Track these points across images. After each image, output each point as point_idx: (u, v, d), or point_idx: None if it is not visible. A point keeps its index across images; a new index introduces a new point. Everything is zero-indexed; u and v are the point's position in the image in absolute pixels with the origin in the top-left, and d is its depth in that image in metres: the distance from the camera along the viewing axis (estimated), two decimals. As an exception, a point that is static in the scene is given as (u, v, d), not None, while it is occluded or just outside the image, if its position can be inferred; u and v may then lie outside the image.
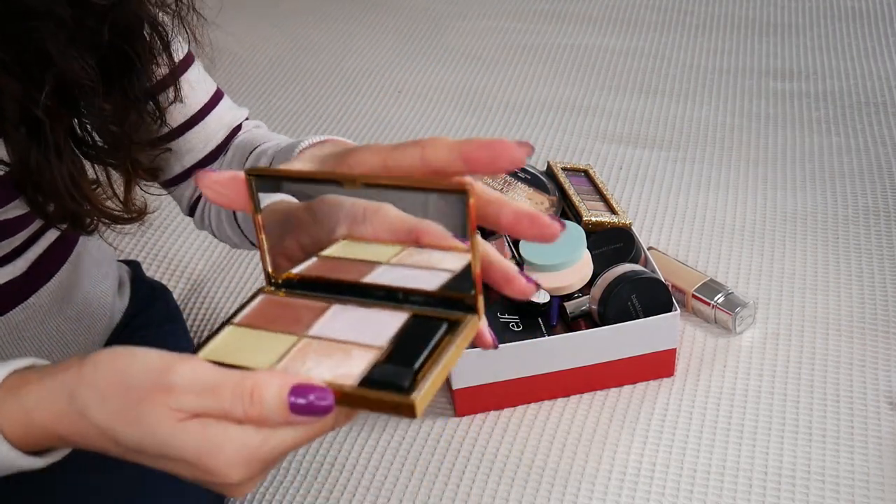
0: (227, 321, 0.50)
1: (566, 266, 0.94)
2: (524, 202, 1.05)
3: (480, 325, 0.49)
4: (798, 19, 1.66)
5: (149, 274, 1.13)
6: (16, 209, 0.66)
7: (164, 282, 1.12)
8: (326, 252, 0.53)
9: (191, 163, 0.78)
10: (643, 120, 1.40)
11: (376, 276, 0.51)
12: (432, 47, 1.69)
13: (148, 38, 0.66)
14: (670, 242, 1.13)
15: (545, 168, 1.13)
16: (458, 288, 0.49)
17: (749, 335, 0.99)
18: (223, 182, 0.48)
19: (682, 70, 1.53)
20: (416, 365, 0.44)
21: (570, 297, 0.95)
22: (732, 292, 0.99)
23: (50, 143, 0.62)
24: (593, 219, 1.02)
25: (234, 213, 0.74)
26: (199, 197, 0.80)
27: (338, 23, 1.81)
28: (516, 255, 0.98)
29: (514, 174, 1.08)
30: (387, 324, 0.48)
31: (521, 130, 1.39)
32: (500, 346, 0.88)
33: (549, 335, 0.91)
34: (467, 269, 0.47)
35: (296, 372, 0.45)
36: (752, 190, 1.21)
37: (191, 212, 0.82)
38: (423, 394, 0.42)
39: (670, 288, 0.95)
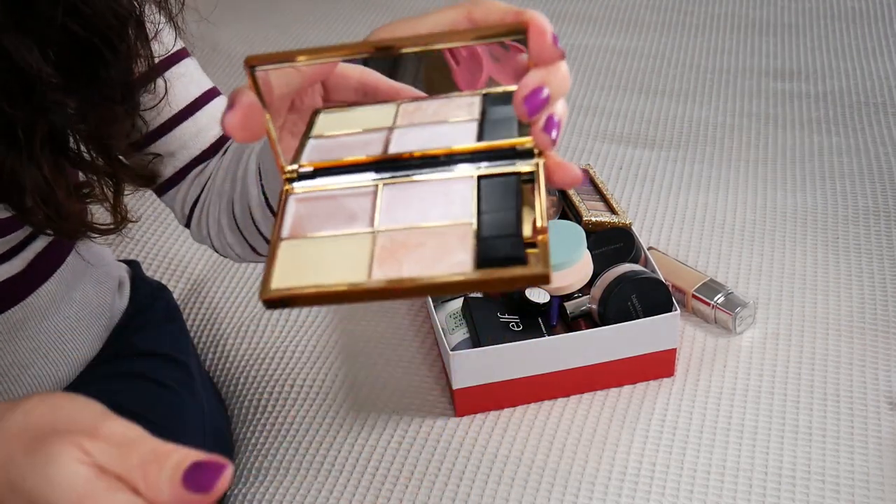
0: (275, 239, 0.45)
1: (566, 266, 0.94)
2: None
3: (552, 162, 0.45)
4: (798, 19, 1.66)
5: (149, 274, 1.13)
6: (7, 209, 0.65)
7: (164, 282, 1.12)
8: (316, 131, 0.49)
9: (183, 163, 0.75)
10: (643, 120, 1.40)
11: (400, 145, 0.47)
12: (432, 47, 1.69)
13: (121, 28, 0.63)
14: (670, 242, 1.13)
15: (545, 168, 1.13)
16: (502, 135, 0.45)
17: (749, 335, 0.99)
18: (244, 116, 0.43)
19: (682, 70, 1.53)
20: (521, 231, 0.41)
21: (570, 297, 0.95)
22: (732, 292, 0.99)
23: (23, 149, 0.59)
24: (593, 219, 1.02)
25: (234, 215, 0.72)
26: (196, 203, 0.77)
27: (338, 23, 1.81)
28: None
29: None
30: (455, 195, 0.44)
31: (521, 130, 1.39)
32: (500, 346, 0.88)
33: (549, 335, 0.91)
34: (509, 116, 0.44)
35: (397, 276, 0.41)
36: (752, 190, 1.21)
37: (187, 222, 0.79)
38: (549, 260, 0.40)
39: (670, 288, 0.95)
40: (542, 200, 0.42)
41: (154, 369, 0.84)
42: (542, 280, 0.39)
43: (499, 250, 0.41)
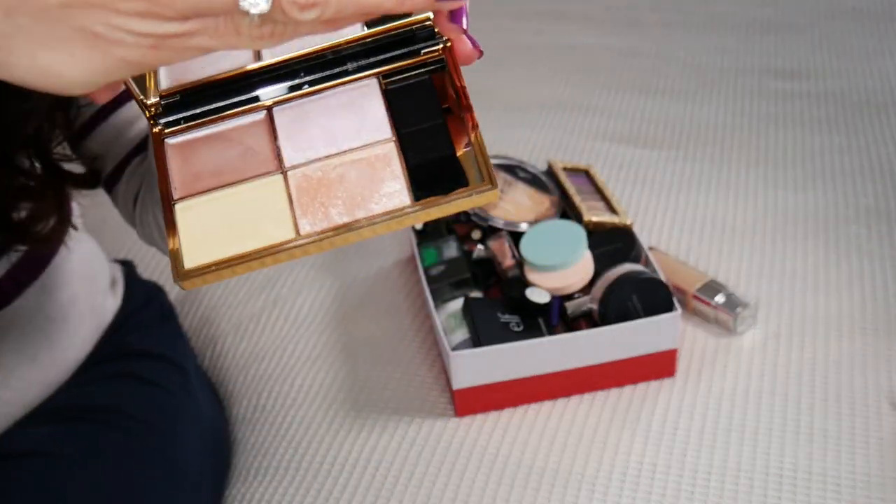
0: (167, 201, 0.37)
1: (566, 266, 0.94)
2: (525, 202, 1.05)
3: (456, 42, 0.38)
4: (798, 19, 1.65)
5: (146, 273, 1.12)
6: None
7: (160, 281, 1.12)
8: None
9: (122, 154, 0.70)
10: (643, 120, 1.40)
11: (273, 50, 0.38)
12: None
13: None
14: (671, 242, 1.13)
15: (545, 168, 1.13)
16: (395, 17, 0.38)
17: (750, 335, 0.98)
18: None
19: (682, 70, 1.53)
20: (451, 141, 0.35)
21: (570, 297, 0.95)
22: (733, 293, 0.99)
23: None
24: (594, 219, 1.02)
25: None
26: (136, 199, 0.71)
27: (337, 22, 1.81)
28: (517, 254, 0.98)
29: (514, 174, 1.08)
30: (363, 105, 0.37)
31: (521, 130, 1.39)
32: (501, 346, 0.88)
33: (549, 335, 0.91)
34: None
35: (326, 220, 0.34)
36: (752, 190, 1.21)
37: (133, 220, 0.74)
38: (492, 172, 0.35)
39: (671, 288, 0.94)
40: (460, 87, 0.37)
41: (148, 370, 0.83)
42: (491, 199, 0.35)
43: (433, 178, 0.35)
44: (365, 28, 0.38)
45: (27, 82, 0.34)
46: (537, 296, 0.92)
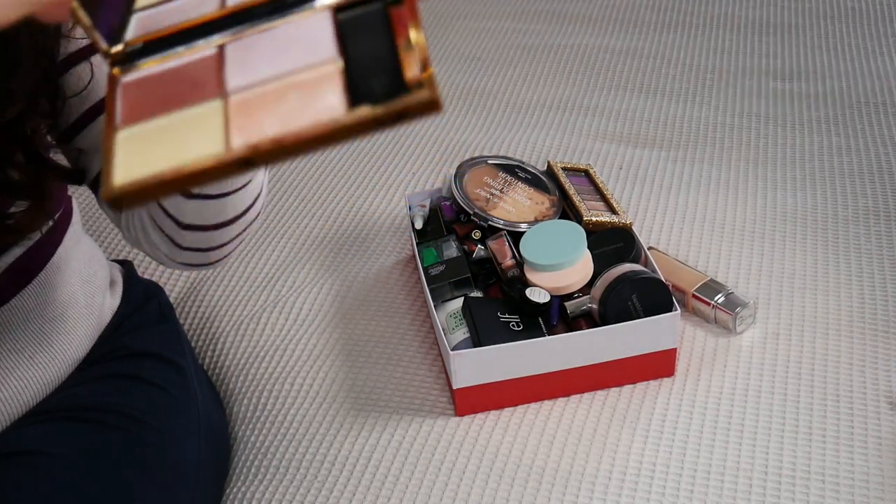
0: (109, 131, 0.37)
1: (566, 266, 0.94)
2: (525, 202, 1.05)
3: None
4: (798, 19, 1.66)
5: (146, 271, 1.13)
6: None
7: (161, 279, 1.12)
8: (141, 2, 0.41)
9: None
10: (643, 120, 1.40)
11: None
12: (434, 48, 1.69)
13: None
14: (670, 242, 1.13)
15: (545, 168, 1.13)
16: None
17: (749, 335, 0.99)
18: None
19: (682, 70, 1.53)
20: (398, 60, 0.34)
21: (570, 296, 0.95)
22: (733, 292, 0.99)
23: None
24: (593, 219, 1.02)
25: (162, 209, 0.66)
26: None
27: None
28: (516, 254, 0.98)
29: (514, 173, 1.08)
30: (313, 35, 0.37)
31: (521, 130, 1.39)
32: (501, 345, 0.88)
33: (549, 335, 0.91)
34: None
35: (259, 136, 0.34)
36: (752, 190, 1.21)
37: (119, 221, 0.74)
38: (436, 86, 0.33)
39: (671, 288, 0.95)
40: (415, 18, 0.36)
41: (147, 369, 0.83)
42: (432, 107, 0.33)
43: (372, 85, 0.35)
44: None
45: None
46: (537, 296, 0.92)
